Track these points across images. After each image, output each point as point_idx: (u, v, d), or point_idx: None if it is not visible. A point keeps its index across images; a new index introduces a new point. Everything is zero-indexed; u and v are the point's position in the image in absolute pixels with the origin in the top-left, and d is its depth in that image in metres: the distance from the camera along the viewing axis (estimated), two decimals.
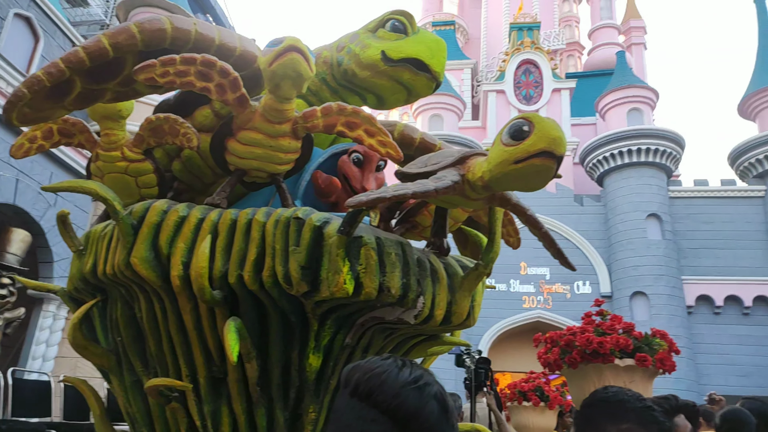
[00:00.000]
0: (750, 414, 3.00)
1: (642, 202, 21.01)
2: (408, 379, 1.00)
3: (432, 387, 1.01)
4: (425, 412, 0.97)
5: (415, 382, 1.00)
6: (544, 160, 1.65)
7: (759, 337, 19.70)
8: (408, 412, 0.97)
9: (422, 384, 1.00)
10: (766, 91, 21.44)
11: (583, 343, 3.96)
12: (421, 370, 1.04)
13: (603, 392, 1.56)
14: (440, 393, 1.01)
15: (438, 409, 0.99)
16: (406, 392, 0.98)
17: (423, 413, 0.97)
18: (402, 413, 0.97)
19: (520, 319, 21.51)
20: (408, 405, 0.97)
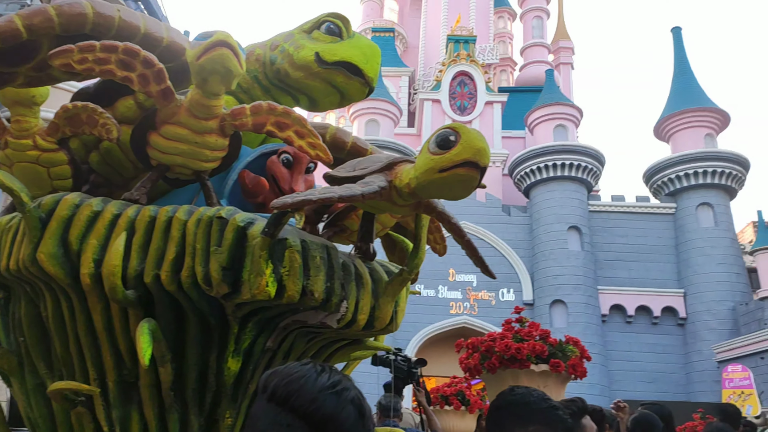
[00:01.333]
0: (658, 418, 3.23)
1: (564, 215, 22.03)
2: (326, 384, 1.00)
3: (350, 392, 1.01)
4: (341, 417, 0.97)
5: (333, 387, 1.00)
6: (469, 170, 1.70)
7: (665, 345, 21.11)
8: (324, 417, 0.97)
9: (340, 389, 1.00)
10: (679, 115, 23.06)
11: (502, 349, 4.10)
12: (339, 376, 1.04)
13: (510, 395, 1.59)
14: (357, 398, 1.02)
15: (355, 413, 0.99)
16: (323, 397, 0.98)
17: (339, 418, 0.97)
18: (318, 417, 0.97)
19: (446, 324, 21.95)
20: (324, 409, 0.97)
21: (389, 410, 4.38)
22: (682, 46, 24.57)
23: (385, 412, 4.35)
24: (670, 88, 24.29)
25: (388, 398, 4.40)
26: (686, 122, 22.88)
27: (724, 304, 20.26)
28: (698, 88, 23.40)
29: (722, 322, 20.03)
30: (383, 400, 4.37)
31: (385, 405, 4.36)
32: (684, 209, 22.10)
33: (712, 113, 22.69)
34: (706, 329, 20.22)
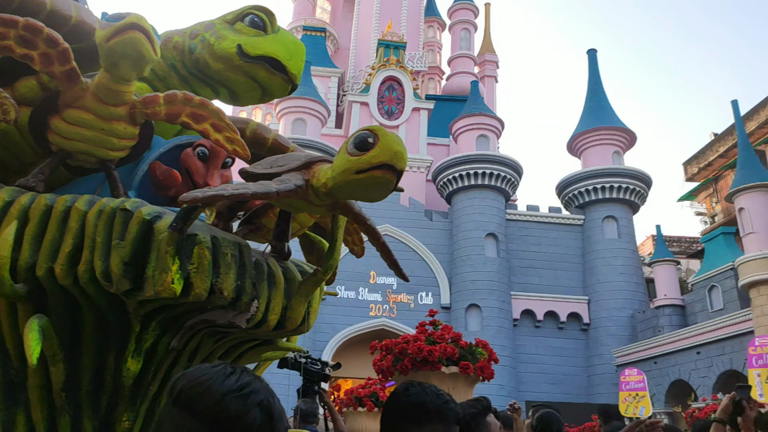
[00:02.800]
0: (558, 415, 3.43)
1: (483, 222, 22.75)
2: (232, 386, 0.97)
3: (258, 395, 0.98)
4: (246, 421, 0.94)
5: (239, 389, 0.97)
6: (385, 172, 1.71)
7: (570, 349, 22.29)
8: (228, 421, 0.94)
9: (247, 392, 0.97)
10: (590, 133, 24.48)
11: (414, 351, 4.17)
12: (249, 378, 1.01)
13: (404, 396, 1.58)
14: (267, 401, 0.98)
15: (261, 417, 0.96)
16: (227, 400, 0.95)
17: (244, 421, 0.94)
18: (221, 421, 0.94)
19: (365, 326, 22.05)
20: (228, 413, 0.94)
21: (309, 416, 4.35)
22: (597, 68, 26.12)
23: (304, 418, 4.30)
24: (583, 107, 25.74)
25: (308, 403, 4.34)
26: (596, 140, 24.33)
27: (623, 311, 21.70)
28: (609, 108, 24.95)
29: (621, 328, 21.44)
30: (303, 405, 4.30)
31: (305, 411, 4.31)
32: (591, 221, 23.48)
33: (620, 132, 24.27)
34: (607, 335, 21.56)
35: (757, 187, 15.31)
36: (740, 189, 15.61)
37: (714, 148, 24.74)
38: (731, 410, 2.84)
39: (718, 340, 16.29)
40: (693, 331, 17.35)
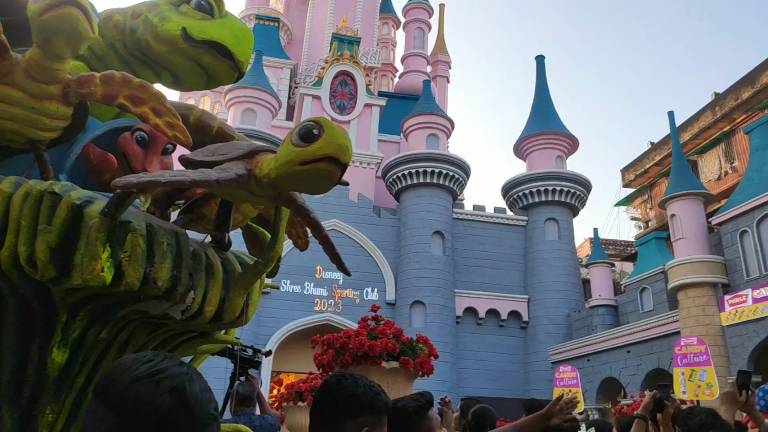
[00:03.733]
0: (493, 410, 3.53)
1: (430, 220, 23.03)
2: (143, 373, 0.93)
3: (172, 380, 0.94)
4: (153, 407, 0.91)
5: (150, 375, 0.93)
6: (329, 165, 1.69)
7: (510, 346, 22.90)
8: (134, 407, 0.91)
9: (159, 377, 0.93)
10: (535, 137, 25.18)
11: (355, 345, 4.18)
12: (167, 364, 0.97)
13: (337, 388, 1.59)
14: (181, 386, 0.94)
15: (172, 402, 0.92)
16: (136, 386, 0.92)
17: (151, 407, 0.91)
18: (128, 408, 0.91)
19: (310, 321, 21.93)
20: (135, 399, 0.91)
21: (246, 399, 4.37)
22: (544, 74, 26.87)
23: (241, 401, 4.33)
24: (530, 111, 26.45)
25: (246, 386, 4.38)
26: (541, 144, 25.06)
27: (560, 310, 22.48)
28: (554, 114, 25.73)
29: (558, 326, 22.21)
30: (240, 388, 4.34)
31: (242, 394, 4.33)
32: (534, 222, 24.18)
33: (563, 137, 25.08)
34: (544, 333, 22.29)
35: (688, 195, 16.17)
36: (672, 196, 16.43)
37: (650, 156, 25.93)
38: (652, 407, 2.99)
39: (647, 340, 17.12)
40: (624, 330, 18.16)
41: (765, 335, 13.45)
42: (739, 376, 2.86)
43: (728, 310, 14.45)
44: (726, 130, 21.35)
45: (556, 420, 2.41)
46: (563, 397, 2.46)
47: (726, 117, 21.06)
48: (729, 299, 14.51)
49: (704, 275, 15.04)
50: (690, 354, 11.78)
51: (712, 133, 21.87)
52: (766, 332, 13.43)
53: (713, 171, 21.78)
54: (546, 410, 2.46)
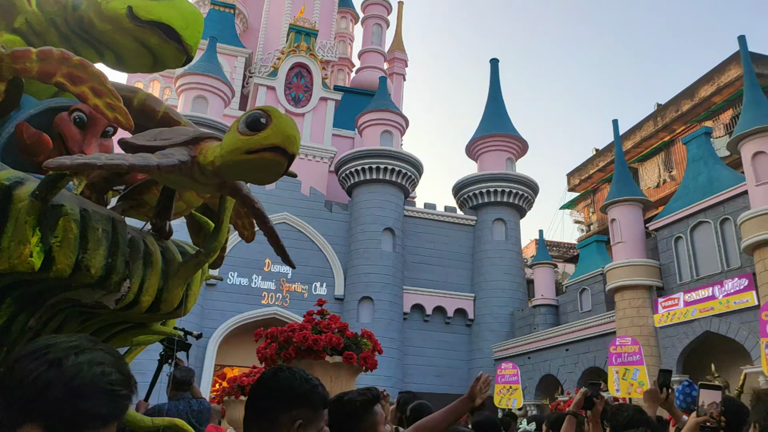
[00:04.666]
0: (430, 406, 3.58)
1: (381, 216, 23.11)
2: (30, 350, 0.96)
3: (55, 354, 0.95)
4: (30, 379, 0.93)
5: (36, 351, 0.96)
6: (276, 155, 1.67)
7: (454, 343, 23.29)
8: (14, 382, 0.93)
9: (43, 353, 0.95)
10: (486, 138, 25.64)
11: (299, 339, 4.14)
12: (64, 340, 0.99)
13: (273, 380, 1.57)
14: (63, 358, 0.95)
15: (50, 375, 0.93)
16: (19, 363, 0.95)
17: (28, 380, 0.93)
18: (9, 384, 0.94)
19: (256, 314, 21.63)
20: (16, 375, 0.94)
21: (183, 383, 4.38)
22: (497, 76, 27.38)
23: (178, 385, 4.34)
24: (483, 113, 26.91)
25: (183, 371, 4.45)
26: (492, 145, 25.55)
27: (504, 308, 23.03)
28: (506, 116, 26.27)
29: (502, 324, 22.75)
30: (178, 373, 4.38)
31: (179, 378, 4.35)
32: (482, 222, 24.65)
33: (514, 140, 25.65)
34: (488, 330, 22.78)
35: (628, 201, 16.85)
36: (613, 201, 17.09)
37: (595, 162, 26.87)
38: (583, 404, 3.12)
39: (585, 339, 17.76)
40: (564, 329, 18.78)
41: (694, 337, 14.20)
42: (660, 375, 3.00)
43: (661, 312, 15.17)
44: (666, 140, 22.37)
45: (478, 400, 2.62)
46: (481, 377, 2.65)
47: (666, 127, 22.06)
48: (662, 302, 15.24)
49: (640, 278, 15.72)
50: (624, 353, 12.31)
51: (653, 143, 22.86)
52: (695, 334, 14.17)
53: (653, 179, 22.79)
54: (469, 391, 2.65)
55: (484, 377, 2.66)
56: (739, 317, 13.11)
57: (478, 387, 2.63)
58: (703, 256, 14.75)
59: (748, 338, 12.72)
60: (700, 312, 14.06)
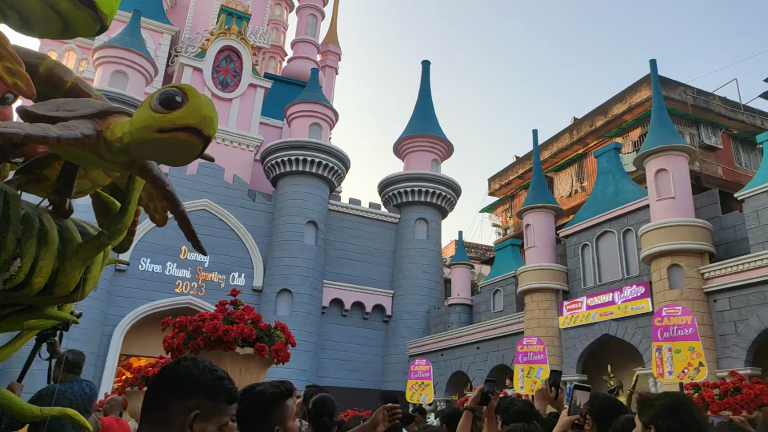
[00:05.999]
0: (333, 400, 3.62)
1: (305, 209, 22.90)
2: None
3: None
4: None
5: None
6: (190, 136, 1.60)
7: (371, 338, 23.50)
8: None
9: None
10: (413, 139, 26.04)
11: (209, 330, 4.00)
12: None
13: (174, 369, 1.50)
14: None
15: None
16: None
17: None
18: None
19: (169, 303, 20.83)
20: None
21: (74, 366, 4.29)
22: (428, 78, 27.84)
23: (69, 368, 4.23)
24: (412, 113, 27.28)
25: (76, 354, 4.34)
26: (418, 146, 25.98)
27: (421, 306, 23.50)
28: (433, 118, 26.77)
29: (418, 321, 23.21)
30: (70, 355, 4.28)
31: (71, 361, 4.25)
32: (405, 221, 25.02)
33: (440, 142, 26.20)
34: (405, 327, 23.17)
35: (542, 207, 17.69)
36: (529, 208, 17.88)
37: (514, 169, 27.94)
38: (479, 400, 3.25)
39: (495, 338, 18.48)
40: (476, 328, 19.44)
41: (594, 339, 15.12)
42: (551, 375, 3.17)
43: (566, 314, 16.05)
44: (580, 152, 23.64)
45: (381, 427, 2.62)
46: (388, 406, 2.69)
47: (581, 140, 23.32)
48: (567, 305, 16.12)
49: (548, 282, 16.55)
50: (530, 352, 12.93)
51: (568, 154, 24.10)
52: (594, 336, 15.10)
53: (566, 188, 24.04)
54: (372, 418, 2.65)
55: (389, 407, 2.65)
56: (634, 322, 14.11)
57: (382, 415, 2.62)
58: (606, 264, 15.74)
59: (641, 342, 13.71)
60: (600, 316, 15.00)
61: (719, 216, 13.54)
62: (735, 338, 11.78)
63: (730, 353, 11.77)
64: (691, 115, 20.06)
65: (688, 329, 9.87)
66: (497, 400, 3.29)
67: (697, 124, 20.35)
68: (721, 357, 11.93)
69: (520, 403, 3.24)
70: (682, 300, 12.11)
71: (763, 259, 11.51)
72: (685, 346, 9.81)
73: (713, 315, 12.36)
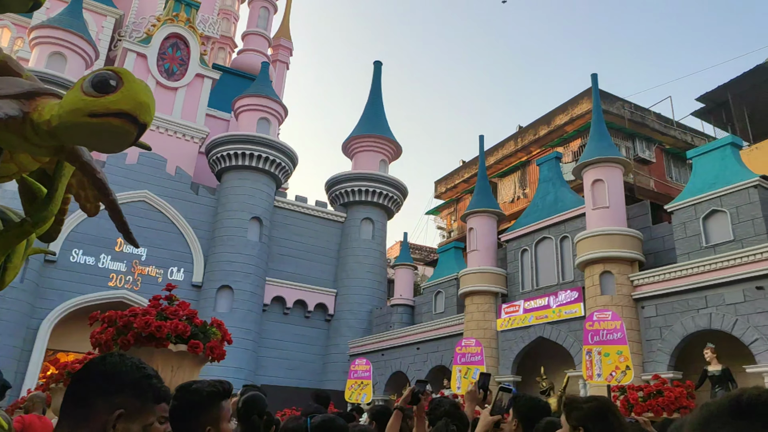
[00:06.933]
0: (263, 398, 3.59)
1: (250, 204, 22.51)
2: None
3: None
4: None
5: None
6: (124, 122, 1.54)
7: (313, 337, 23.35)
8: None
9: None
10: (362, 138, 26.07)
11: (141, 325, 3.84)
12: None
13: (99, 365, 1.42)
14: None
15: None
16: None
17: None
18: None
19: (102, 297, 20.00)
20: None
21: None
22: (380, 79, 27.93)
23: None
24: (362, 113, 27.31)
25: None
26: (367, 146, 26.03)
27: (364, 306, 23.55)
28: (383, 118, 26.88)
29: (360, 321, 23.24)
30: None
31: None
32: (351, 220, 25.01)
33: (389, 143, 26.34)
34: (347, 326, 23.16)
35: (485, 212, 18.09)
36: (472, 212, 18.25)
37: (460, 173, 28.47)
38: (410, 400, 3.30)
39: (435, 339, 18.75)
40: (417, 329, 19.66)
41: (529, 341, 15.60)
42: (480, 378, 3.24)
43: (504, 317, 16.48)
44: (523, 159, 24.35)
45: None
46: None
47: (525, 148, 24.03)
48: (505, 308, 16.56)
49: (488, 285, 16.95)
50: (468, 354, 13.19)
51: (512, 161, 24.77)
52: (530, 339, 15.58)
53: (509, 194, 24.69)
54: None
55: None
56: (567, 326, 14.65)
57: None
58: (544, 269, 16.27)
59: (573, 345, 14.25)
60: (536, 319, 15.49)
61: (650, 226, 14.25)
62: (660, 343, 12.43)
63: (655, 358, 12.40)
64: (628, 129, 21.05)
65: (617, 334, 10.34)
66: (427, 400, 3.35)
67: (633, 137, 21.37)
68: (647, 361, 12.56)
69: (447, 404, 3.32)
70: (612, 305, 12.67)
71: (687, 269, 12.20)
72: (614, 349, 10.28)
73: (641, 321, 12.99)
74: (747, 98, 18.64)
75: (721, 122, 19.54)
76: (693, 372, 11.60)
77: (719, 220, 12.37)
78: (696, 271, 12.03)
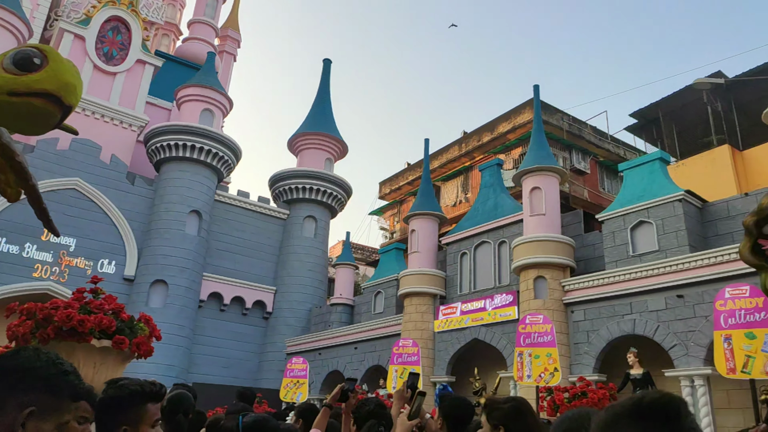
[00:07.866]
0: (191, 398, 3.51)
1: (189, 197, 21.88)
2: None
3: None
4: None
5: None
6: (47, 103, 1.48)
7: (249, 335, 22.95)
8: None
9: None
10: (308, 136, 25.87)
11: (62, 319, 3.65)
12: None
13: (11, 359, 1.33)
14: None
15: None
16: None
17: None
18: None
19: (24, 288, 18.93)
20: None
21: None
22: (328, 77, 27.80)
23: None
24: (309, 110, 27.10)
25: None
26: (313, 143, 25.85)
27: (304, 304, 23.36)
28: (330, 117, 26.77)
29: (299, 320, 23.04)
30: None
31: None
32: (294, 217, 24.75)
33: (335, 141, 26.25)
34: (285, 325, 22.90)
35: (428, 215, 18.35)
36: (415, 214, 18.47)
37: (405, 175, 28.74)
38: (339, 397, 3.33)
39: (373, 339, 18.83)
40: (355, 329, 19.69)
41: (464, 342, 15.92)
42: (408, 377, 3.29)
43: (441, 318, 16.75)
44: (466, 164, 24.86)
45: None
46: None
47: (468, 154, 24.54)
48: (443, 309, 16.84)
49: (428, 286, 17.19)
50: (405, 354, 13.34)
51: (455, 165, 25.24)
52: (465, 340, 15.90)
53: (451, 198, 25.14)
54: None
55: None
56: (501, 328, 15.06)
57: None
58: (481, 272, 16.66)
59: (506, 347, 14.66)
60: (472, 321, 15.84)
61: (582, 234, 14.86)
62: (587, 347, 12.98)
63: (582, 360, 12.95)
64: (566, 140, 21.89)
65: (547, 336, 10.74)
66: (356, 399, 3.38)
67: (570, 148, 22.24)
68: (574, 363, 13.09)
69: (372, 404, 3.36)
70: (544, 309, 13.13)
71: (614, 276, 12.80)
72: (544, 352, 10.67)
73: (570, 324, 13.52)
74: (676, 116, 19.76)
75: (652, 138, 20.65)
76: (616, 375, 12.16)
77: (646, 230, 13.05)
78: (622, 278, 12.64)
